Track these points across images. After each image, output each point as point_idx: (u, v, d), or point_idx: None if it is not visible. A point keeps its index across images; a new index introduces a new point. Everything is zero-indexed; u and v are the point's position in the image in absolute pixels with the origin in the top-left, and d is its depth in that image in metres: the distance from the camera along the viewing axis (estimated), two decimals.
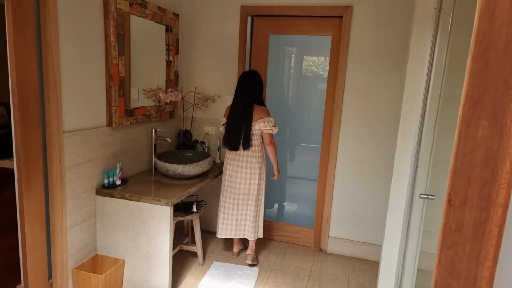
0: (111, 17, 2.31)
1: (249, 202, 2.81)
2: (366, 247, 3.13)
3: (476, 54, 0.57)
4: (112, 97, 2.40)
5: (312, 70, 3.56)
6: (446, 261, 0.62)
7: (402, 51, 2.79)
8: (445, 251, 0.62)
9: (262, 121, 2.71)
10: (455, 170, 0.60)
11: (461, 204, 0.59)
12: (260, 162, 2.79)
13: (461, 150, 0.59)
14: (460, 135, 0.60)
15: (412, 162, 2.15)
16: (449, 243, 0.61)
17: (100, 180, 2.41)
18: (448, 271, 0.61)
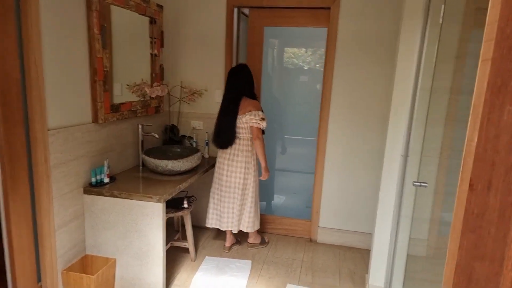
0: (94, 9, 2.22)
1: (235, 195, 2.82)
2: (356, 236, 3.18)
3: (499, 41, 0.57)
4: (97, 92, 2.33)
5: (293, 62, 3.56)
6: (469, 244, 0.62)
7: (391, 43, 2.82)
8: (467, 235, 0.62)
9: (249, 114, 2.70)
10: (477, 156, 0.61)
11: (484, 189, 0.59)
12: (247, 156, 2.78)
13: (484, 136, 0.59)
14: (483, 121, 0.60)
15: (402, 151, 2.19)
16: (471, 227, 0.62)
17: (87, 178, 2.34)
18: (471, 254, 0.62)
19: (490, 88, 0.58)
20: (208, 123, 3.27)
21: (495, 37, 0.58)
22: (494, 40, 0.62)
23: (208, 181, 3.34)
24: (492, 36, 0.64)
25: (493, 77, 0.58)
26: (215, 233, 3.33)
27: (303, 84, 3.56)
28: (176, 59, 3.26)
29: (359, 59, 2.92)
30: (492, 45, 0.62)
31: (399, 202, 2.22)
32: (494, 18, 0.64)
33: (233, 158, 2.78)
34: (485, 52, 0.68)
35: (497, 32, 0.58)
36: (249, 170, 2.81)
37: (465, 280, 0.63)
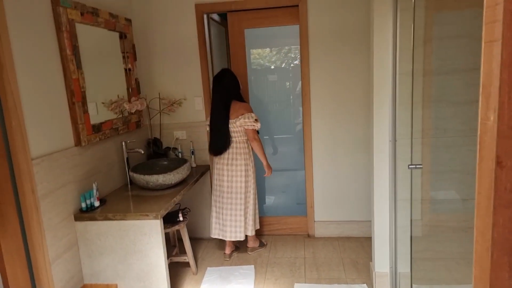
0: (64, 29, 2.14)
1: (237, 201, 2.80)
2: (352, 225, 3.22)
3: (509, 23, 0.59)
4: (77, 114, 2.25)
5: (259, 62, 3.58)
6: (505, 220, 0.64)
7: (363, 32, 2.88)
8: (502, 211, 0.64)
9: (243, 117, 2.71)
10: (501, 134, 0.62)
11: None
12: (245, 159, 2.79)
13: (507, 114, 0.61)
14: (504, 100, 0.61)
15: (389, 136, 2.24)
16: (505, 203, 0.63)
17: (77, 205, 2.25)
18: (509, 229, 0.63)
19: (506, 68, 0.60)
20: (191, 132, 3.23)
21: (505, 20, 0.59)
22: (501, 21, 0.64)
23: (199, 191, 3.30)
24: (496, 18, 0.66)
25: (509, 57, 0.60)
26: (212, 243, 3.29)
27: (272, 84, 3.59)
28: (151, 71, 3.20)
29: (334, 51, 2.96)
30: (500, 26, 0.64)
31: (394, 186, 2.26)
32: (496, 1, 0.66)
33: (232, 163, 2.79)
34: (489, 33, 0.70)
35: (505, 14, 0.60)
36: (248, 172, 2.82)
37: (505, 255, 0.65)
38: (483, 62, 0.72)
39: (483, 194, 0.73)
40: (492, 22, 0.67)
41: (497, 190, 0.64)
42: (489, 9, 0.68)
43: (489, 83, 0.70)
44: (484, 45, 0.71)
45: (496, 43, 0.65)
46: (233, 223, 2.86)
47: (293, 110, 3.62)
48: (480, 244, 0.76)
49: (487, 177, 0.71)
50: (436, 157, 2.20)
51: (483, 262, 0.75)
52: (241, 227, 2.86)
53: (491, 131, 0.68)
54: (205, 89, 3.15)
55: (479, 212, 0.76)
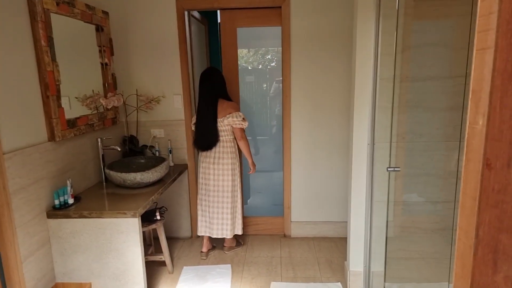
0: (38, 19, 2.06)
1: (224, 199, 2.84)
2: (327, 225, 3.28)
3: (505, 32, 0.63)
4: (51, 109, 2.16)
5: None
6: (491, 219, 0.67)
7: (344, 36, 2.94)
8: (489, 210, 0.67)
9: (230, 116, 2.72)
10: (491, 137, 0.66)
11: (504, 166, 0.65)
12: (232, 158, 2.80)
13: (498, 118, 0.65)
14: (495, 105, 0.65)
15: (368, 140, 2.30)
16: (492, 203, 0.67)
17: (50, 202, 2.17)
18: (495, 228, 0.67)
19: (500, 75, 0.64)
20: (169, 130, 3.19)
21: (501, 29, 0.63)
22: (494, 30, 0.67)
23: (176, 190, 3.26)
24: (489, 27, 0.70)
25: (502, 65, 0.63)
26: (188, 242, 3.25)
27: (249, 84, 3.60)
28: (128, 67, 3.13)
29: (315, 54, 3.01)
30: (493, 34, 0.68)
31: (371, 188, 2.33)
32: (489, 10, 0.70)
33: (219, 161, 2.79)
34: (482, 41, 0.74)
35: (501, 25, 0.63)
36: (235, 171, 2.84)
37: (490, 252, 0.69)
38: (474, 68, 0.76)
39: (468, 195, 0.77)
40: (485, 31, 0.70)
41: (485, 190, 0.68)
42: (482, 18, 0.71)
43: (479, 89, 0.73)
44: (476, 52, 0.74)
45: (488, 51, 0.69)
46: (220, 220, 2.88)
47: (270, 112, 3.64)
48: (463, 242, 0.80)
49: (473, 179, 0.75)
50: (411, 161, 2.28)
51: (466, 259, 0.79)
52: (228, 225, 2.88)
53: (480, 134, 0.72)
54: (184, 87, 3.12)
55: (463, 212, 0.80)
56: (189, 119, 3.16)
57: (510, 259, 0.71)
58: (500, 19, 0.64)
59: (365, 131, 2.30)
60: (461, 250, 0.82)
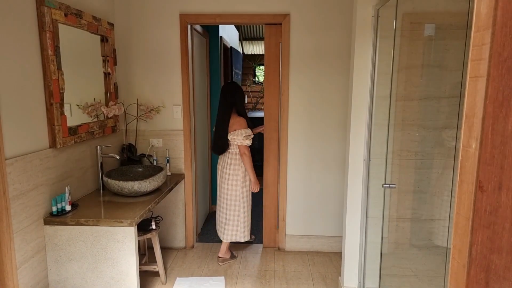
0: (47, 29, 2.11)
1: (222, 204, 3.07)
2: (321, 240, 3.30)
3: (497, 63, 0.68)
4: (54, 116, 2.19)
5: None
6: (483, 239, 0.71)
7: (341, 53, 3.02)
8: (482, 230, 0.71)
9: (234, 133, 2.88)
10: (484, 161, 0.70)
11: (495, 189, 0.69)
12: (234, 169, 2.96)
13: (490, 143, 0.69)
14: (487, 131, 0.69)
15: (364, 156, 2.34)
16: (485, 224, 0.71)
17: (48, 208, 2.18)
18: (487, 248, 0.71)
19: (492, 103, 0.68)
20: (168, 140, 3.22)
21: (494, 60, 0.68)
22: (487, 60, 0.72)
23: (172, 199, 3.27)
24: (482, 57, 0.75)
25: (494, 93, 0.68)
26: (182, 253, 3.25)
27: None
28: (130, 76, 3.17)
29: (313, 70, 3.08)
30: (485, 64, 0.73)
31: (366, 204, 2.36)
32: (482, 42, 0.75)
33: (224, 170, 3.02)
34: (474, 69, 0.79)
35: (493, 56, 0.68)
36: (237, 182, 2.97)
37: (482, 271, 0.72)
38: (467, 95, 0.80)
39: (462, 215, 0.81)
40: (478, 60, 0.75)
41: (477, 211, 0.72)
42: (475, 48, 0.76)
43: (472, 114, 0.77)
44: (469, 80, 0.79)
45: (481, 79, 0.74)
46: (222, 224, 3.09)
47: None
48: (457, 260, 0.84)
49: (466, 199, 0.79)
50: (406, 178, 2.32)
51: (459, 277, 0.83)
52: (222, 228, 3.08)
53: (473, 157, 0.76)
54: (184, 98, 3.16)
55: (457, 231, 0.83)
56: (188, 130, 3.20)
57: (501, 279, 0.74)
58: (492, 51, 0.69)
59: (361, 147, 2.35)
60: (454, 268, 0.85)
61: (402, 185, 2.36)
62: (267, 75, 3.20)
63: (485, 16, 0.73)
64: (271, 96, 3.21)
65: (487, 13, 0.72)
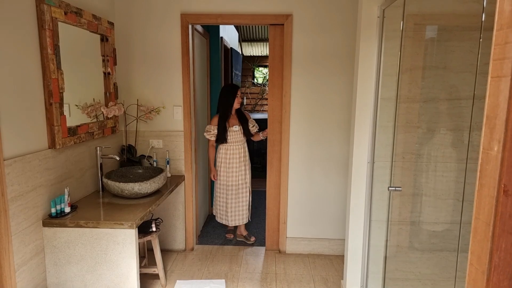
0: (46, 27, 2.07)
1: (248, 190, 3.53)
2: (322, 242, 3.27)
3: None
4: (54, 116, 2.15)
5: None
6: (508, 246, 0.68)
7: (344, 54, 3.00)
8: (506, 236, 0.68)
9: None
10: (509, 163, 0.68)
11: None
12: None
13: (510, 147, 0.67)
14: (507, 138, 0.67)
15: (368, 158, 2.32)
16: (509, 229, 0.68)
17: (47, 210, 2.14)
18: (511, 255, 0.68)
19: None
20: (168, 141, 3.18)
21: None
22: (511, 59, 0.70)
23: (172, 201, 3.23)
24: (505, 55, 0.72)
25: None
26: (182, 255, 3.21)
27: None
28: (130, 77, 3.14)
29: (315, 71, 3.05)
30: (509, 63, 0.70)
31: (369, 207, 2.34)
32: (505, 40, 0.72)
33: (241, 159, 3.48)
34: (497, 69, 0.76)
35: None
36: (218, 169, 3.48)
37: (506, 279, 0.69)
38: (488, 95, 0.77)
39: (482, 220, 0.78)
40: (500, 59, 0.72)
41: (501, 216, 0.69)
42: (498, 47, 0.73)
43: (494, 115, 0.75)
44: (490, 80, 0.76)
45: (504, 79, 0.71)
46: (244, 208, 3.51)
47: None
48: (475, 267, 0.81)
49: (487, 204, 0.76)
50: (410, 181, 2.30)
51: (478, 284, 0.80)
52: (248, 211, 3.56)
53: (494, 160, 0.73)
54: (185, 99, 3.13)
55: (476, 237, 0.80)
56: (188, 131, 3.16)
57: None
58: None
59: (365, 150, 2.32)
60: (472, 275, 0.82)
61: (405, 188, 2.34)
62: (271, 76, 3.17)
63: (509, 14, 0.70)
64: (274, 97, 3.18)
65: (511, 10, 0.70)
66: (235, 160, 3.41)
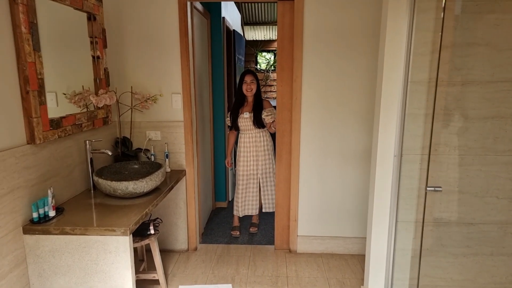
0: (19, 2, 1.75)
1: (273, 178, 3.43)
2: (337, 241, 3.00)
3: None
4: (32, 106, 1.86)
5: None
6: None
7: (363, 34, 2.68)
8: None
9: None
10: None
11: None
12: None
13: None
14: None
15: (395, 151, 2.02)
16: None
17: (27, 215, 1.86)
18: None
19: None
20: (167, 132, 2.89)
21: None
22: None
23: (172, 198, 2.95)
24: None
25: None
26: (184, 256, 2.96)
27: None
28: (123, 61, 2.82)
29: (330, 53, 2.73)
30: None
31: (396, 206, 2.06)
32: None
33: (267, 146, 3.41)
34: None
35: None
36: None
37: None
38: None
39: None
40: None
41: None
42: None
43: None
44: None
45: None
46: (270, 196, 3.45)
47: None
48: None
49: None
50: (443, 176, 2.01)
51: None
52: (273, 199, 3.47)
53: None
54: (185, 85, 2.82)
55: None
56: (189, 121, 2.87)
57: None
58: None
59: (392, 141, 2.02)
60: None
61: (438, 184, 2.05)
62: (279, 59, 2.85)
63: None
64: (284, 82, 2.87)
65: None
66: (251, 149, 3.31)
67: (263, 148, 3.30)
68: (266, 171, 3.34)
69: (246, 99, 3.33)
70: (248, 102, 3.33)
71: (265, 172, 3.33)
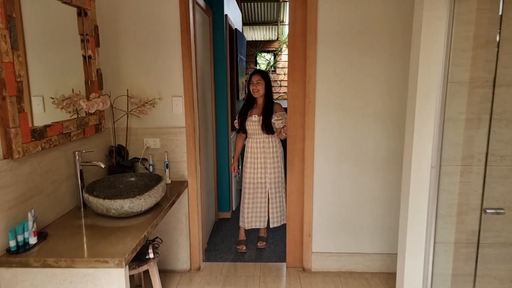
0: None
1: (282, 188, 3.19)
2: (355, 258, 2.73)
3: None
4: (9, 114, 1.57)
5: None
6: None
7: (384, 29, 2.42)
8: None
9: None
10: None
11: None
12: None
13: None
14: None
15: (432, 162, 1.75)
16: None
17: (3, 243, 1.57)
18: None
19: None
20: (167, 140, 2.61)
21: None
22: None
23: (174, 213, 2.67)
24: None
25: None
26: (187, 277, 2.67)
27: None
28: (118, 61, 2.54)
29: (347, 51, 2.47)
30: None
31: (434, 226, 1.78)
32: None
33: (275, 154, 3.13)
34: None
35: None
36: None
37: None
38: None
39: None
40: None
41: None
42: None
43: None
44: None
45: None
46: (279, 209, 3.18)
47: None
48: None
49: None
50: (487, 190, 1.74)
51: None
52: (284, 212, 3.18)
53: None
54: (186, 87, 2.54)
55: None
56: (191, 127, 2.59)
57: None
58: None
59: (428, 150, 1.75)
60: None
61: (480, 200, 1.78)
62: (291, 58, 2.58)
63: None
64: (295, 83, 2.60)
65: None
66: (259, 155, 3.05)
67: (272, 155, 3.03)
68: (274, 181, 3.05)
69: (255, 101, 3.06)
70: (258, 104, 3.07)
71: (274, 182, 3.05)
